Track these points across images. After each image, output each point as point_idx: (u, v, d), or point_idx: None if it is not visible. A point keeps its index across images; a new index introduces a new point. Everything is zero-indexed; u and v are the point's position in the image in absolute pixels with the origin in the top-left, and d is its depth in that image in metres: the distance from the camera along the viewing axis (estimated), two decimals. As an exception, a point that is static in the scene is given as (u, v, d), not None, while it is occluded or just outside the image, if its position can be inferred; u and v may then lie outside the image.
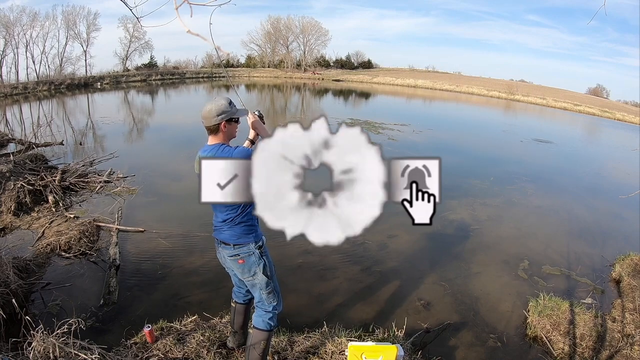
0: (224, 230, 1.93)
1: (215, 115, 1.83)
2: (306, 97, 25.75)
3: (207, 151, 1.85)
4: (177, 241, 4.22)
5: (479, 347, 2.92)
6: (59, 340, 2.07)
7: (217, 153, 1.81)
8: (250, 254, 1.94)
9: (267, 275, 1.98)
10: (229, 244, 1.94)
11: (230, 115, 1.86)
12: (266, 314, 2.05)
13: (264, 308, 2.05)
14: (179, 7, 0.98)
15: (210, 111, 1.83)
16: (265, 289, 2.00)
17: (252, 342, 2.07)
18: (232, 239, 1.92)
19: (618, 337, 3.01)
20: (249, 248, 1.94)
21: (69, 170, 5.86)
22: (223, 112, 1.84)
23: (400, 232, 4.83)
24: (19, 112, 14.55)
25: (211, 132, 1.89)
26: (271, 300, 2.04)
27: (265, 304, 2.04)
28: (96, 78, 27.83)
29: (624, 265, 4.10)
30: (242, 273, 2.00)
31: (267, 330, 2.05)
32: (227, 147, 1.84)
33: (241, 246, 1.93)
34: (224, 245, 1.96)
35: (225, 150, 1.82)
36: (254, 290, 2.07)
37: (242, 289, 2.24)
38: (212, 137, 1.89)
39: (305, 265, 3.87)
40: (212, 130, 1.87)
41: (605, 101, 39.31)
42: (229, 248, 1.95)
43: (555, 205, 6.56)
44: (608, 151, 14.02)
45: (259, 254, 1.96)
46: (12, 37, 26.26)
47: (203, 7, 1.29)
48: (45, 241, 3.91)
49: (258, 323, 2.06)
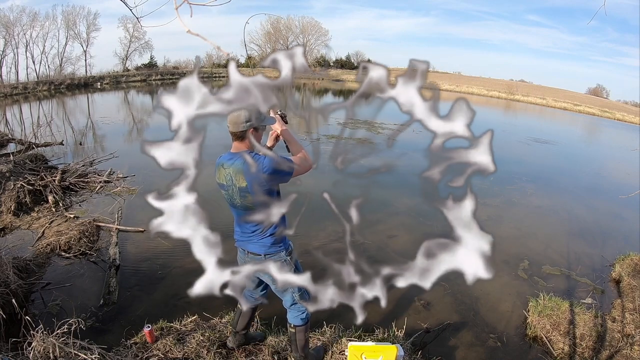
0: (253, 242, 1.91)
1: (245, 122, 1.73)
2: (306, 97, 25.75)
3: (233, 160, 1.78)
4: (177, 241, 4.15)
5: (479, 347, 2.92)
6: (59, 340, 2.07)
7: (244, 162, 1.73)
8: (282, 262, 1.94)
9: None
10: (259, 255, 1.92)
11: (258, 122, 1.78)
12: (302, 313, 2.15)
13: (299, 309, 2.12)
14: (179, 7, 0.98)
15: (239, 116, 1.73)
16: (297, 292, 2.05)
17: (297, 337, 2.21)
18: (263, 249, 1.90)
19: (618, 337, 3.02)
20: (280, 256, 1.93)
21: (69, 170, 5.86)
22: (252, 118, 1.75)
23: (400, 232, 4.83)
24: (19, 112, 14.54)
25: (237, 139, 1.79)
26: (304, 300, 2.10)
27: (299, 304, 2.10)
28: (96, 78, 27.82)
29: (624, 265, 4.10)
30: (273, 281, 1.99)
31: (306, 324, 2.20)
32: (256, 155, 1.77)
33: (272, 255, 1.92)
34: (253, 256, 1.94)
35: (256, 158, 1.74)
36: (285, 294, 2.09)
37: (256, 294, 2.24)
38: (237, 143, 1.80)
39: (305, 265, 3.85)
40: (239, 136, 1.77)
41: (605, 101, 39.33)
42: (259, 258, 1.92)
43: (555, 205, 6.56)
44: (608, 151, 14.01)
45: (290, 260, 1.97)
46: (12, 37, 26.30)
47: (203, 7, 1.29)
48: (45, 241, 3.91)
49: (297, 322, 2.16)
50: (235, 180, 1.77)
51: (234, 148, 1.83)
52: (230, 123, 1.76)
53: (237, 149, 1.81)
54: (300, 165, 1.81)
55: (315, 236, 4.47)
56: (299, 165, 1.81)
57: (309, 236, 4.44)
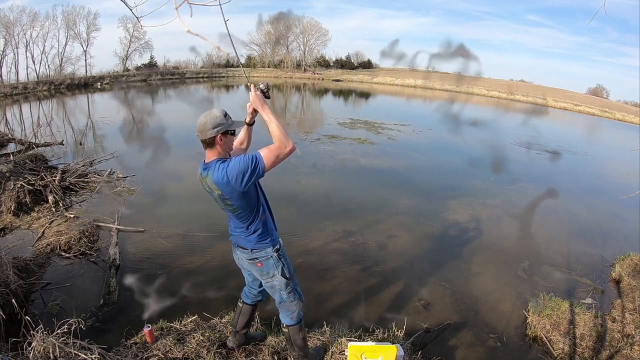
0: (240, 237, 1.96)
1: (211, 128, 1.74)
2: (306, 97, 25.74)
3: (207, 170, 1.80)
4: (177, 241, 4.22)
5: (479, 347, 2.92)
6: (59, 340, 2.07)
7: (214, 172, 1.75)
8: (269, 258, 1.96)
9: (285, 276, 2.02)
10: (246, 249, 1.96)
11: (226, 127, 1.77)
12: (292, 312, 2.14)
13: (288, 308, 2.13)
14: (179, 7, 0.98)
15: (206, 124, 1.74)
16: (285, 289, 2.05)
17: (292, 337, 2.21)
18: (249, 244, 1.95)
19: (618, 337, 3.01)
20: (267, 252, 1.96)
21: (69, 170, 5.86)
22: (219, 124, 1.75)
23: (400, 232, 4.83)
24: (19, 112, 14.54)
25: (207, 146, 1.80)
26: (292, 299, 2.10)
27: (287, 303, 2.10)
28: (96, 78, 27.81)
29: (624, 265, 4.10)
30: (261, 275, 2.05)
31: (298, 323, 2.17)
32: (221, 164, 1.76)
33: (259, 250, 1.95)
34: (242, 250, 1.99)
35: (220, 168, 1.75)
36: (273, 292, 2.10)
37: (254, 290, 2.26)
38: (209, 151, 1.81)
39: (305, 265, 3.87)
40: (208, 143, 1.78)
41: (605, 101, 39.32)
42: (246, 252, 1.97)
43: (555, 205, 6.56)
44: (609, 151, 14.01)
45: (276, 256, 1.98)
46: (12, 37, 26.26)
47: (203, 8, 1.29)
48: (45, 241, 3.91)
49: (287, 321, 2.16)
50: (212, 189, 1.81)
51: (207, 156, 1.83)
52: (199, 132, 1.77)
53: (209, 158, 1.82)
54: (276, 153, 1.73)
55: (316, 236, 4.47)
56: (274, 154, 1.73)
57: (309, 236, 4.44)
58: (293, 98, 24.87)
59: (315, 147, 9.01)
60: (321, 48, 46.05)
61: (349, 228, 4.75)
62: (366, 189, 6.48)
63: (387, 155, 8.91)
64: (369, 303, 3.35)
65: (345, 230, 4.69)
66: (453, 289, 3.65)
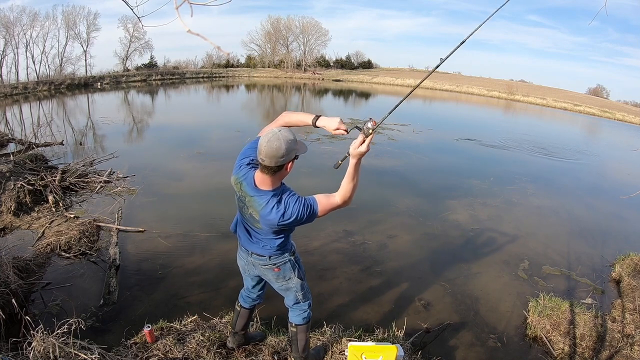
0: (259, 245, 1.87)
1: (286, 154, 1.52)
2: (306, 97, 25.74)
3: (256, 195, 1.64)
4: (177, 241, 4.22)
5: (479, 347, 2.92)
6: (59, 340, 2.07)
7: (265, 208, 1.62)
8: (286, 262, 1.94)
9: (300, 278, 2.03)
10: (264, 256, 1.89)
11: (296, 152, 1.58)
12: (304, 312, 2.14)
13: (301, 308, 2.13)
14: (180, 6, 0.98)
15: (279, 149, 1.49)
16: (300, 290, 2.06)
17: (298, 336, 2.20)
18: (268, 252, 1.88)
19: (618, 337, 3.01)
20: (284, 257, 1.93)
21: (69, 170, 5.86)
22: (293, 149, 1.54)
23: (400, 232, 4.83)
24: (19, 112, 14.53)
25: (268, 171, 1.57)
26: (306, 299, 2.12)
27: (301, 303, 2.11)
28: (96, 78, 27.80)
29: (624, 265, 4.10)
30: (276, 279, 2.00)
31: (307, 323, 2.18)
32: (277, 205, 1.62)
33: (277, 257, 1.91)
34: (258, 257, 1.90)
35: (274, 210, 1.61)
36: (288, 294, 2.09)
37: (253, 295, 2.26)
38: (267, 176, 1.59)
39: (305, 265, 3.83)
40: (274, 171, 1.56)
41: (605, 101, 39.32)
42: (264, 259, 1.90)
43: (555, 205, 6.56)
44: (609, 151, 14.01)
45: (293, 260, 1.97)
46: (12, 37, 26.21)
47: (204, 8, 1.29)
48: (45, 241, 3.91)
49: (298, 321, 2.16)
50: (250, 208, 1.71)
51: (260, 181, 1.62)
52: (267, 157, 1.52)
53: (263, 183, 1.62)
54: (335, 207, 1.66)
55: (316, 236, 4.47)
56: (332, 207, 1.65)
57: (309, 236, 4.44)
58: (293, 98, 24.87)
59: (316, 147, 9.01)
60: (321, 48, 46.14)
61: (349, 228, 4.75)
62: (366, 189, 6.48)
63: (387, 155, 8.91)
64: (369, 303, 3.35)
65: (346, 230, 4.69)
66: (453, 289, 3.65)
